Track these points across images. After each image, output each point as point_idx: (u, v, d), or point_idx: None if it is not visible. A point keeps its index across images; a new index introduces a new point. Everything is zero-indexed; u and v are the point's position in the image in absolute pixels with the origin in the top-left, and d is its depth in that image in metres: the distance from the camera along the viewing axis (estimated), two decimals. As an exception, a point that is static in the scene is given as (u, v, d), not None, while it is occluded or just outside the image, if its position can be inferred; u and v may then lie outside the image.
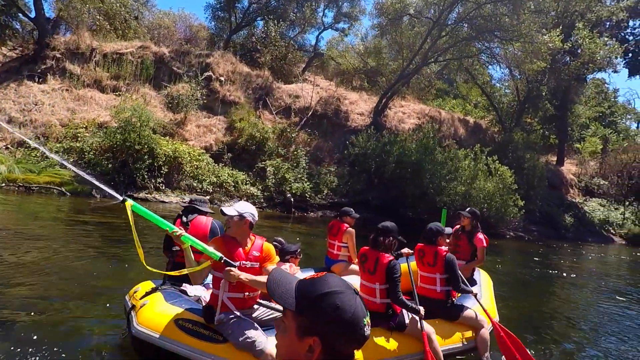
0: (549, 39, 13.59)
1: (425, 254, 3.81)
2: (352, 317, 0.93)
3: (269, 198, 14.09)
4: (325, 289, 0.96)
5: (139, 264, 5.46)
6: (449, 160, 14.13)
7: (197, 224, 3.49)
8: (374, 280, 3.23)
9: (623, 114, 37.40)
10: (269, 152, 15.08)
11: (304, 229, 12.08)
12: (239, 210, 2.78)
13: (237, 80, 17.60)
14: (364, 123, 18.17)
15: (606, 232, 21.02)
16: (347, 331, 0.93)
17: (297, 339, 0.95)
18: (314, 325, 0.93)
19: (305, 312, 0.95)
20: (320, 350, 0.93)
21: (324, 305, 0.93)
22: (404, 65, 17.20)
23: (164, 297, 2.99)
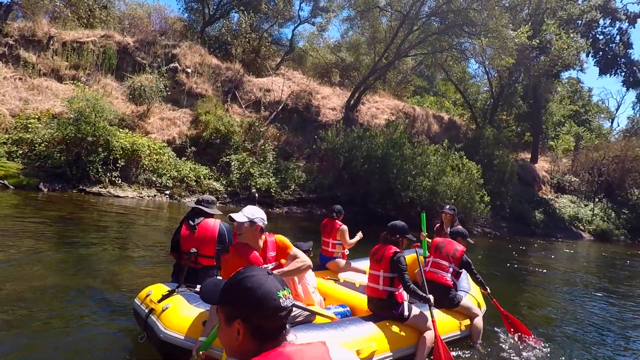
0: (514, 35, 13.56)
1: (446, 245, 4.24)
2: (262, 292, 1.02)
3: (233, 193, 13.71)
4: (239, 277, 1.06)
5: (100, 258, 5.50)
6: (417, 156, 13.99)
7: (205, 228, 3.40)
8: (379, 268, 3.45)
9: (596, 112, 38.22)
10: (235, 146, 14.68)
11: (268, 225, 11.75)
12: (249, 215, 2.74)
13: (205, 73, 17.09)
14: (335, 118, 17.91)
15: (575, 229, 21.35)
16: (261, 306, 1.01)
17: (226, 327, 1.04)
18: (234, 310, 1.03)
19: (225, 301, 1.06)
20: (244, 330, 1.01)
21: (237, 290, 1.04)
22: (376, 60, 16.97)
23: (186, 300, 2.95)
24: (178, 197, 12.62)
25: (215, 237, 3.36)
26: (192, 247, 3.28)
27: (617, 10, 23.63)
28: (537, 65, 16.80)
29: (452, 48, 15.32)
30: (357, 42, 22.08)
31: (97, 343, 3.26)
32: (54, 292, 4.22)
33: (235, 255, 2.69)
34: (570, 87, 36.75)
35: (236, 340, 1.02)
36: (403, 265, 3.35)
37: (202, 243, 3.34)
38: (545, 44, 16.48)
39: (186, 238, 3.38)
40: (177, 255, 3.47)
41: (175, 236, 3.46)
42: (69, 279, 4.70)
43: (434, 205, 13.35)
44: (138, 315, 3.10)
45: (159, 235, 7.89)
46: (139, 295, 3.23)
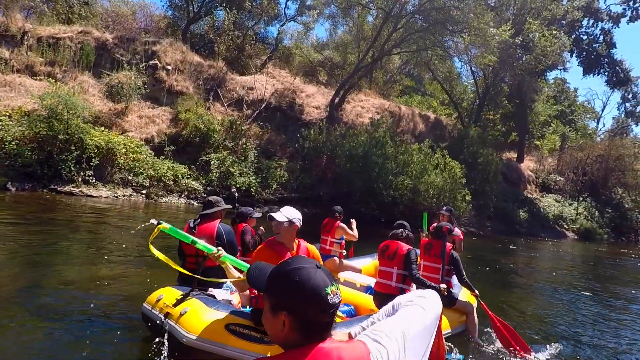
0: (495, 32, 13.53)
1: (433, 246, 4.31)
2: (311, 287, 1.00)
3: (213, 193, 13.43)
4: (287, 267, 1.04)
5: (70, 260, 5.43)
6: (400, 155, 13.87)
7: (204, 229, 3.45)
8: (392, 265, 3.64)
9: (582, 112, 38.57)
10: (215, 145, 14.41)
11: None
12: (288, 216, 2.83)
13: (186, 70, 16.79)
14: (319, 117, 17.73)
15: (559, 228, 21.46)
16: (309, 301, 0.99)
17: (272, 316, 1.02)
18: (281, 301, 1.01)
19: (272, 291, 1.04)
20: (290, 322, 0.99)
21: (285, 282, 1.01)
22: (360, 57, 16.84)
23: (204, 304, 2.95)
24: (155, 197, 12.34)
25: (213, 237, 3.36)
26: (193, 249, 3.27)
27: (601, 11, 23.84)
28: (520, 63, 16.80)
29: (435, 46, 15.23)
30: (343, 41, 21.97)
31: (58, 347, 3.13)
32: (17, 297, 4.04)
33: (270, 251, 2.78)
34: (556, 87, 37.17)
35: (281, 331, 1.01)
36: (415, 261, 3.62)
37: None
38: (529, 43, 16.49)
39: None
40: (182, 258, 3.49)
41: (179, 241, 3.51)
42: (34, 283, 4.50)
43: (415, 204, 13.25)
44: (150, 320, 3.05)
45: (133, 236, 7.66)
46: (148, 299, 3.18)
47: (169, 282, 5.03)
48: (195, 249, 3.23)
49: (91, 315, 3.80)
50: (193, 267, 3.34)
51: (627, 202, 23.93)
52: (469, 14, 13.03)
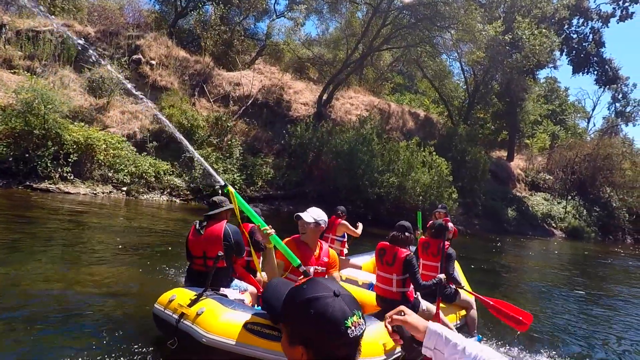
0: (482, 27, 13.41)
1: (430, 245, 4.38)
2: (329, 320, 0.90)
3: (197, 190, 13.20)
4: (303, 296, 0.93)
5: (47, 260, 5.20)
6: (386, 152, 13.72)
7: (211, 230, 3.46)
8: (392, 271, 3.57)
9: (573, 112, 38.78)
10: (200, 141, 14.15)
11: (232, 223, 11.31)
12: (315, 217, 2.87)
13: (171, 65, 16.49)
14: (307, 113, 17.53)
15: (548, 226, 21.50)
16: (327, 336, 0.90)
17: (289, 346, 0.95)
18: (297, 334, 0.93)
19: (289, 321, 0.95)
20: (307, 356, 0.91)
21: (300, 314, 0.92)
22: (348, 54, 16.65)
23: (220, 303, 2.95)
24: (136, 194, 12.06)
25: (220, 239, 3.37)
26: (201, 251, 3.36)
27: (590, 10, 23.88)
28: (509, 61, 16.73)
29: (424, 42, 15.09)
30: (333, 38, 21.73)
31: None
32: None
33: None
34: (547, 86, 37.32)
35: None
36: (415, 267, 3.55)
37: (209, 245, 3.38)
38: (518, 41, 16.43)
39: (193, 242, 3.45)
40: (189, 259, 3.51)
41: (186, 242, 3.52)
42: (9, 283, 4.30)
43: (402, 202, 13.12)
44: (163, 321, 3.05)
45: (113, 234, 7.43)
46: (159, 300, 3.16)
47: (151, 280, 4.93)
48: (203, 251, 3.36)
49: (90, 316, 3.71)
50: (200, 268, 3.38)
51: (614, 201, 24.05)
52: (457, 10, 12.91)
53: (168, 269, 5.57)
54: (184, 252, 3.57)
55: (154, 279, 5.17)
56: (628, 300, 7.79)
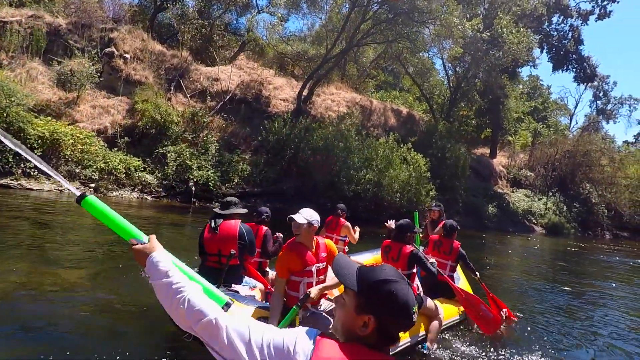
0: (459, 22, 13.34)
1: (443, 244, 4.64)
2: (404, 304, 1.06)
3: (170, 187, 12.87)
4: (383, 276, 1.09)
5: None
6: (364, 148, 13.57)
7: (226, 229, 3.53)
8: (397, 267, 3.62)
9: (555, 109, 39.26)
10: (174, 137, 13.81)
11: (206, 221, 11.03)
12: (307, 217, 2.97)
13: (146, 59, 16.06)
14: (286, 109, 17.27)
15: (528, 222, 21.65)
16: (398, 315, 1.06)
17: (355, 314, 1.08)
18: (371, 306, 1.06)
19: (365, 294, 1.08)
20: (374, 327, 1.06)
21: (381, 290, 1.07)
22: (328, 49, 16.45)
23: (235, 300, 3.03)
24: (104, 191, 11.69)
25: (236, 238, 3.47)
26: (216, 249, 3.44)
27: (570, 8, 24.09)
28: (488, 58, 16.73)
29: (403, 37, 14.96)
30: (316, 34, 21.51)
31: None
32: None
33: (292, 253, 2.98)
34: (530, 84, 37.69)
35: (360, 330, 1.06)
36: (422, 259, 3.77)
37: (224, 244, 3.46)
38: (497, 38, 16.42)
39: (209, 240, 3.52)
40: (202, 256, 3.57)
41: (200, 239, 3.58)
42: None
43: (379, 199, 12.99)
44: None
45: (82, 233, 7.13)
46: None
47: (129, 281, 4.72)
48: (218, 248, 3.43)
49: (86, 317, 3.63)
50: (214, 265, 3.45)
51: (593, 197, 24.37)
52: (434, 5, 12.80)
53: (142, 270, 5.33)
54: None
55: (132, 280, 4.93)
56: (607, 294, 7.86)
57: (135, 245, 1.31)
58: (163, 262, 1.23)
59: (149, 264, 1.24)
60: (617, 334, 5.23)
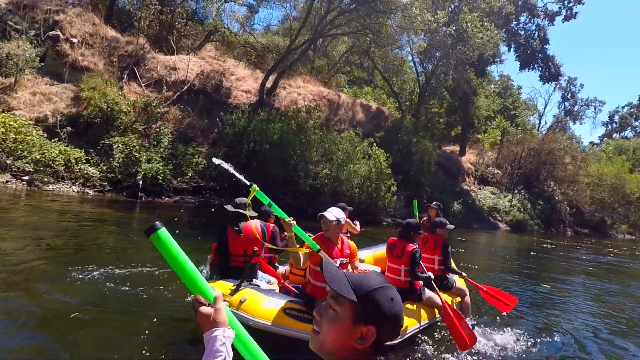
0: (418, 12, 13.08)
1: (428, 240, 4.92)
2: (400, 310, 1.02)
3: (116, 181, 12.06)
4: (379, 283, 1.03)
5: None
6: (325, 142, 13.13)
7: (249, 230, 3.79)
8: (401, 263, 4.10)
9: (524, 109, 40.06)
10: (122, 127, 12.98)
11: (154, 217, 10.34)
12: (337, 216, 3.36)
13: (97, 44, 15.07)
14: (249, 101, 16.64)
15: (493, 219, 21.82)
16: (396, 323, 1.01)
17: (351, 326, 0.99)
18: (371, 315, 0.99)
19: (363, 302, 0.99)
20: (372, 337, 0.98)
21: (380, 297, 1.00)
22: (292, 39, 15.91)
23: (259, 292, 3.42)
24: (40, 184, 10.80)
25: (259, 237, 3.72)
26: (241, 249, 3.71)
27: (536, 8, 24.38)
28: (455, 52, 16.59)
29: (366, 28, 14.59)
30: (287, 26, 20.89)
31: None
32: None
33: (322, 244, 3.22)
34: (501, 83, 38.33)
35: (356, 342, 0.98)
36: (416, 260, 4.06)
37: (249, 244, 3.72)
38: (462, 33, 16.30)
39: (234, 241, 3.79)
40: (224, 256, 3.82)
41: (223, 240, 3.80)
42: None
43: (338, 193, 12.60)
44: None
45: (11, 230, 6.39)
46: None
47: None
48: (243, 249, 3.72)
49: None
50: (239, 264, 3.69)
51: (557, 194, 24.83)
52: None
53: (82, 271, 4.91)
54: (96, 251, 4.24)
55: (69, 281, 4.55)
56: (569, 287, 8.18)
57: (201, 308, 1.13)
58: (223, 345, 1.08)
59: (209, 338, 1.09)
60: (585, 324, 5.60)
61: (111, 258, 5.73)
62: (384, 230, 14.05)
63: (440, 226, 4.83)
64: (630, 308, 7.03)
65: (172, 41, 16.66)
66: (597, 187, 25.70)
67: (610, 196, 26.06)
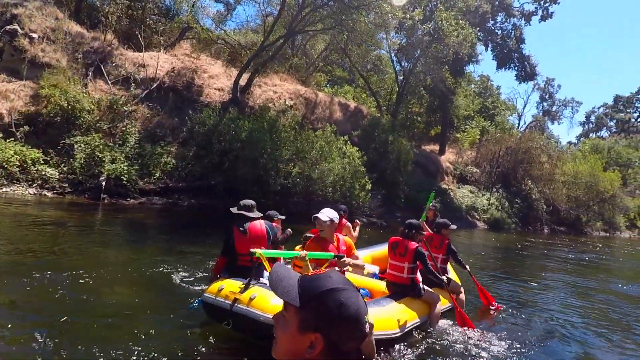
0: (389, 9, 12.92)
1: (433, 239, 5.22)
2: (355, 313, 0.91)
3: (77, 182, 11.50)
4: (329, 285, 0.93)
5: None
6: (298, 140, 12.83)
7: (255, 230, 3.97)
8: (404, 260, 4.31)
9: (504, 109, 40.63)
10: (86, 126, 12.41)
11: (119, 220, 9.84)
12: (330, 216, 3.67)
13: (59, 40, 14.42)
14: (221, 99, 16.21)
15: (471, 218, 21.89)
16: (350, 328, 0.91)
17: (299, 334, 0.93)
18: (317, 321, 0.91)
19: (308, 308, 0.92)
20: (323, 346, 0.91)
21: (327, 302, 0.91)
22: (265, 35, 15.56)
23: (268, 290, 3.42)
24: (-9, 186, 10.18)
25: (265, 237, 3.94)
26: (248, 249, 3.72)
27: (512, 7, 24.61)
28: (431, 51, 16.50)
29: (341, 25, 14.35)
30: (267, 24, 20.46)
31: None
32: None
33: (318, 246, 3.59)
34: (481, 83, 38.80)
35: (306, 352, 0.91)
36: (424, 256, 4.31)
37: (256, 243, 3.84)
38: (438, 31, 16.22)
39: (240, 242, 3.90)
40: (231, 257, 3.94)
41: (229, 241, 3.92)
42: None
43: (311, 193, 12.32)
44: (215, 307, 3.56)
45: None
46: (208, 290, 3.69)
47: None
48: (249, 249, 3.69)
49: None
50: (246, 264, 3.79)
51: (534, 193, 25.11)
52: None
53: (40, 279, 4.61)
54: (55, 257, 4.31)
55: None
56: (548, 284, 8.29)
57: None
58: None
59: None
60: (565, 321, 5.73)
61: (72, 264, 5.42)
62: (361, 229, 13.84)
63: (445, 227, 5.28)
64: (608, 303, 7.18)
65: (140, 37, 16.06)
66: (572, 186, 26.12)
67: (585, 194, 26.52)
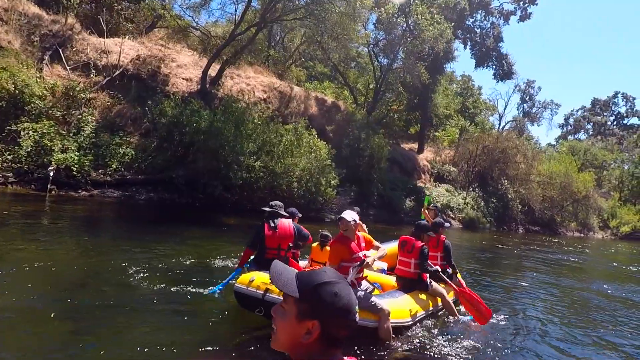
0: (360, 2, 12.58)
1: (430, 239, 5.38)
2: (347, 303, 1.03)
3: (23, 172, 10.77)
4: (325, 278, 1.05)
5: None
6: (265, 133, 12.33)
7: (284, 227, 4.45)
8: (411, 257, 4.74)
9: (484, 109, 40.87)
10: (36, 113, 11.66)
11: (65, 213, 9.19)
12: (354, 217, 3.96)
13: (13, 21, 13.58)
14: (188, 90, 15.58)
15: (446, 217, 21.75)
16: (342, 316, 1.02)
17: (297, 322, 1.02)
18: (314, 310, 1.01)
19: (307, 299, 1.02)
20: (318, 332, 1.01)
21: (323, 293, 1.02)
22: (236, 24, 14.99)
23: None
24: None
25: (292, 234, 4.47)
26: (276, 244, 4.29)
27: (491, 7, 24.58)
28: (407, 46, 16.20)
29: (311, 15, 13.91)
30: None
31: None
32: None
33: (341, 244, 3.85)
34: (463, 84, 38.94)
35: (303, 338, 1.02)
36: (424, 255, 4.68)
37: (283, 239, 4.40)
38: (415, 26, 15.94)
39: (270, 236, 4.36)
40: (259, 250, 4.37)
41: (259, 235, 4.35)
42: None
43: (275, 188, 11.86)
44: (247, 296, 3.88)
45: None
46: (239, 281, 4.03)
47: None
48: (278, 243, 4.35)
49: None
50: (274, 257, 3.95)
51: (510, 193, 25.19)
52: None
53: None
54: None
55: None
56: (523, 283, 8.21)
57: None
58: None
59: None
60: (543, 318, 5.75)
61: (12, 258, 5.01)
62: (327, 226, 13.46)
63: (442, 226, 5.57)
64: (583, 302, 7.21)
65: (103, 21, 15.27)
66: (547, 186, 26.31)
67: (559, 194, 26.76)
